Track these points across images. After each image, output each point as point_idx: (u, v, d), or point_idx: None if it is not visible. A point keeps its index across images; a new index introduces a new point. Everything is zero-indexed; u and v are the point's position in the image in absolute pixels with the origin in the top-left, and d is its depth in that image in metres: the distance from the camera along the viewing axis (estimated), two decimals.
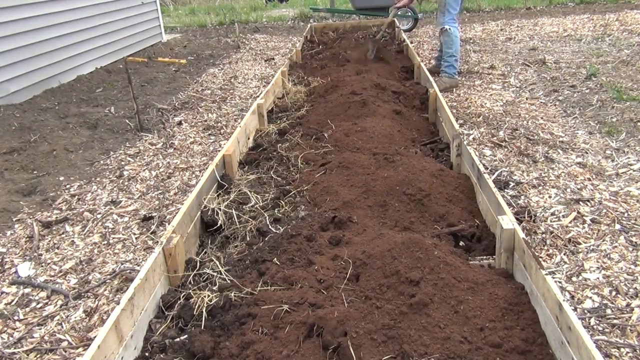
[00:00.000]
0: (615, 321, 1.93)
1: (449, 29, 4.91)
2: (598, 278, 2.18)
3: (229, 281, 1.96)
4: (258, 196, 2.64)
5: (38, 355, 2.00)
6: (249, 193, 2.66)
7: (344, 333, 1.56)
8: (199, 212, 2.44)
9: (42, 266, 2.60)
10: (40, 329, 2.15)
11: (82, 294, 2.34)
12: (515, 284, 1.83)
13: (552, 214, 2.67)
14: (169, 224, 2.33)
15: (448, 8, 4.88)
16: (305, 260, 2.02)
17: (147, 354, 1.72)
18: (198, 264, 2.16)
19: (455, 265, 1.85)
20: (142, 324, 1.77)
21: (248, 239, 2.33)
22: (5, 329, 2.17)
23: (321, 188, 2.63)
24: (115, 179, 3.55)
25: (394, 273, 1.82)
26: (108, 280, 2.42)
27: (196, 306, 1.86)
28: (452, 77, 4.95)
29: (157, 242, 2.55)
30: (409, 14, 8.29)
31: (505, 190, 2.92)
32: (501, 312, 1.68)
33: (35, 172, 3.67)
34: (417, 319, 1.64)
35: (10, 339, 2.10)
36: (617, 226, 2.51)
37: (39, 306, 2.30)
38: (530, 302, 1.72)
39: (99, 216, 3.05)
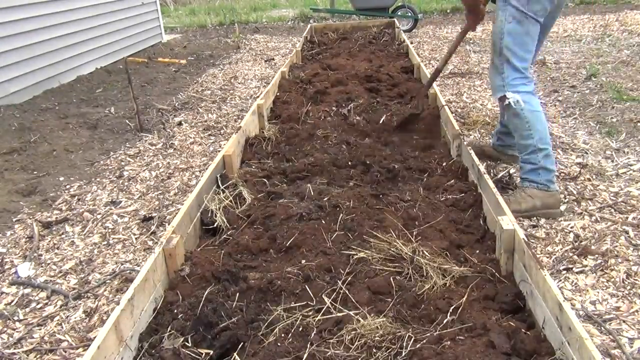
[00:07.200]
0: (615, 321, 1.93)
1: (516, 102, 2.55)
2: (598, 279, 2.17)
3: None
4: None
5: (38, 356, 2.00)
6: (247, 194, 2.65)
7: None
8: (199, 213, 2.44)
9: (42, 266, 2.60)
10: (40, 330, 2.15)
11: (82, 295, 2.34)
12: None
13: None
14: (169, 225, 2.33)
15: (510, 55, 2.56)
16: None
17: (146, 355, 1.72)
18: None
19: None
20: (142, 325, 1.77)
21: None
22: (5, 329, 2.17)
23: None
24: (115, 179, 3.55)
25: None
26: (108, 281, 2.42)
27: None
28: (544, 188, 2.60)
29: (157, 242, 2.55)
30: (409, 14, 8.29)
31: (506, 190, 2.92)
32: None
33: (35, 172, 3.67)
34: None
35: (10, 339, 2.10)
36: (618, 226, 2.51)
37: (38, 306, 2.30)
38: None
39: (99, 216, 3.05)
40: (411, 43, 5.71)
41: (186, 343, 1.64)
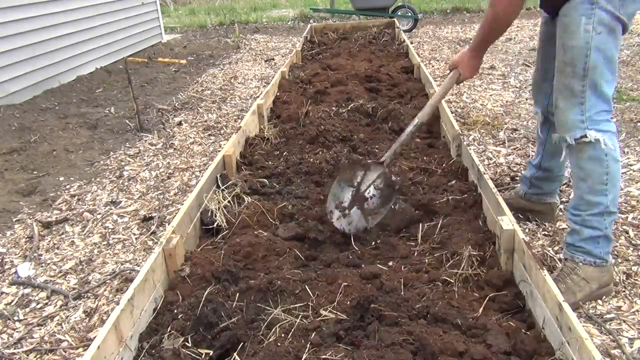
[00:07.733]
0: (615, 321, 1.93)
1: (601, 143, 1.94)
2: None
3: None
4: None
5: (38, 356, 2.00)
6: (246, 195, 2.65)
7: None
8: (199, 213, 2.44)
9: (42, 266, 2.60)
10: (40, 330, 2.15)
11: (82, 295, 2.34)
12: None
13: None
14: (169, 225, 2.32)
15: (598, 78, 1.91)
16: None
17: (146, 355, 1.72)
18: None
19: None
20: (142, 325, 1.77)
21: None
22: (5, 329, 2.17)
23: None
24: (115, 179, 3.55)
25: None
26: (108, 281, 2.42)
27: None
28: (601, 263, 2.02)
29: (157, 242, 2.55)
30: (409, 14, 8.29)
31: (506, 191, 2.92)
32: None
33: (35, 172, 3.67)
34: None
35: (10, 339, 2.10)
36: (618, 226, 2.51)
37: (38, 306, 2.30)
38: None
39: (99, 216, 3.05)
40: (411, 43, 5.71)
41: (186, 343, 1.64)
